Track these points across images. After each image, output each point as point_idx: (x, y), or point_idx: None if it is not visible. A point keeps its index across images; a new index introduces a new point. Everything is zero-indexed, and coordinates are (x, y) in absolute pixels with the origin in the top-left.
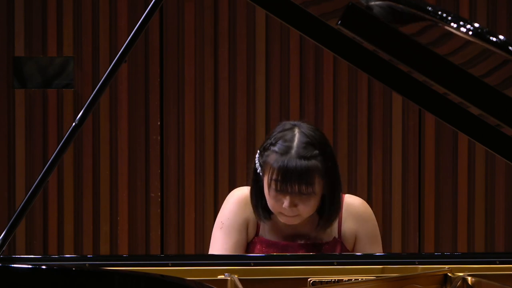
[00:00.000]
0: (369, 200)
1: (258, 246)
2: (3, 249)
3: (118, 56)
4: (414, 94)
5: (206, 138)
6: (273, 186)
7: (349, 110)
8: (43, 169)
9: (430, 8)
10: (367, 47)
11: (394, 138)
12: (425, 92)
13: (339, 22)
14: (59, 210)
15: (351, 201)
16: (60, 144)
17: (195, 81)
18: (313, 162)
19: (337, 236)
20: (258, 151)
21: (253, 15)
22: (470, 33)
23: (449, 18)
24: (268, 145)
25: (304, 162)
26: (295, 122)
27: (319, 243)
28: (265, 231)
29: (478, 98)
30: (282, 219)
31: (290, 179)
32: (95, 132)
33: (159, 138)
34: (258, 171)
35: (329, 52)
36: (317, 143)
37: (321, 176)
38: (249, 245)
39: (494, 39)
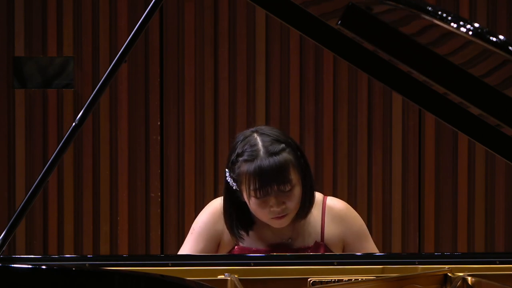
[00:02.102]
0: (369, 200)
1: None
2: (3, 249)
3: (118, 56)
4: (414, 94)
5: (206, 138)
6: (253, 194)
7: (349, 110)
8: (43, 169)
9: (430, 8)
10: (367, 47)
11: (394, 138)
12: (425, 92)
13: (339, 22)
14: (59, 210)
15: (333, 204)
16: (60, 144)
17: (195, 81)
18: (284, 155)
19: (319, 240)
20: (226, 169)
21: (253, 15)
22: (470, 33)
23: (449, 18)
24: (235, 158)
25: (276, 158)
26: (253, 128)
27: (300, 249)
28: (245, 241)
29: (478, 98)
30: (273, 224)
31: (268, 180)
32: (95, 132)
33: (159, 138)
34: (234, 188)
35: (329, 52)
36: (280, 138)
37: (295, 167)
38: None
39: (494, 39)
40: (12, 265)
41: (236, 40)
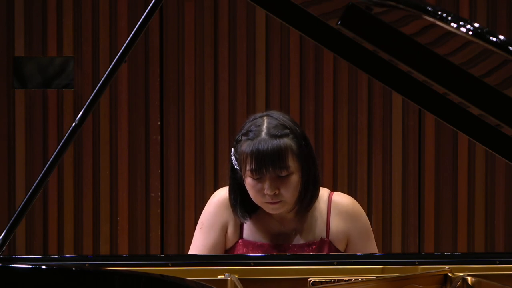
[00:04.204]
0: (369, 200)
1: (244, 249)
2: (3, 249)
3: (118, 56)
4: (414, 94)
5: (206, 138)
6: (249, 174)
7: (349, 110)
8: (43, 169)
9: (430, 8)
10: (367, 47)
11: (394, 138)
12: (425, 92)
13: (339, 22)
14: (59, 210)
15: (339, 200)
16: (60, 144)
17: (195, 81)
18: (284, 140)
19: (324, 236)
20: (232, 148)
21: (253, 15)
22: (470, 33)
23: (449, 18)
24: (240, 137)
25: (275, 141)
26: (265, 112)
27: (305, 244)
28: (249, 233)
29: (478, 98)
30: (267, 209)
31: (264, 161)
32: (95, 132)
33: (159, 138)
34: (235, 167)
35: (329, 52)
36: (287, 124)
37: (295, 155)
38: (234, 248)
39: (494, 39)
40: (12, 265)
41: (236, 40)
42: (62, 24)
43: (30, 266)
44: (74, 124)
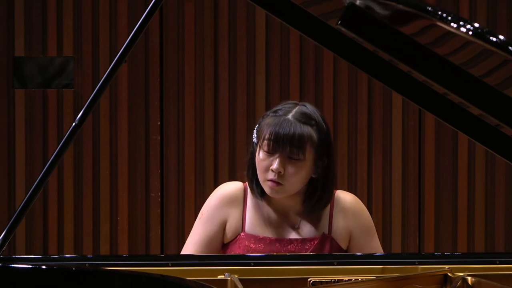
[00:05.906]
0: (369, 200)
1: (246, 242)
2: (3, 249)
3: (118, 56)
4: (414, 94)
5: (206, 138)
6: (264, 147)
7: (349, 110)
8: (43, 169)
9: (430, 8)
10: (367, 47)
11: (394, 138)
12: (425, 92)
13: (339, 22)
14: (59, 210)
15: (342, 197)
16: (60, 144)
17: (195, 81)
18: (307, 128)
19: (326, 232)
20: (257, 125)
21: (253, 15)
22: (470, 33)
23: (449, 18)
24: (266, 115)
25: (300, 126)
26: (300, 102)
27: (307, 239)
28: (252, 226)
29: (478, 98)
30: (267, 188)
31: (283, 137)
32: (95, 132)
33: (159, 138)
34: (254, 140)
35: (329, 52)
36: (315, 117)
37: (313, 147)
38: (236, 241)
39: (494, 39)
40: (12, 265)
41: (236, 40)
42: (62, 24)
43: (30, 266)
44: (74, 124)
